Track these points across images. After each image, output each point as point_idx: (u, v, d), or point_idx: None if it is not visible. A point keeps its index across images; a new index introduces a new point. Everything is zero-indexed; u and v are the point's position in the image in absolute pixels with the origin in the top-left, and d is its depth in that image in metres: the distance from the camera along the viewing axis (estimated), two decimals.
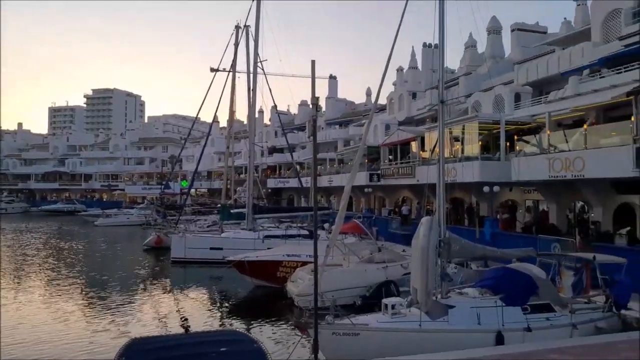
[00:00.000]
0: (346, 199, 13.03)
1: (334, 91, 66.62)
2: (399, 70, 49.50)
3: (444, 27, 13.58)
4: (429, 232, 11.75)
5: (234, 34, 35.71)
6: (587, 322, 11.75)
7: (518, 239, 19.80)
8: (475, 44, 40.49)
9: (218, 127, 76.70)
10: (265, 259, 19.84)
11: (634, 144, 15.63)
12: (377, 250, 19.15)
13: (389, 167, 33.22)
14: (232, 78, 36.26)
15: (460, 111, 32.83)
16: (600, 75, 23.65)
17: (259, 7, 30.03)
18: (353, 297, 16.01)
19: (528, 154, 21.19)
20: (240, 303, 19.45)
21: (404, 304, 11.95)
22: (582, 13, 30.19)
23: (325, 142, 55.79)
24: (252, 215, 28.61)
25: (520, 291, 11.49)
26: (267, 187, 54.08)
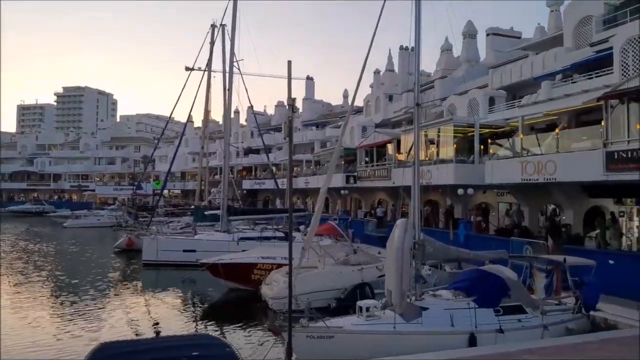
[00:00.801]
0: (322, 200, 12.95)
1: (311, 92, 66.60)
2: (376, 73, 49.77)
3: (420, 30, 13.67)
4: (403, 234, 11.76)
5: (210, 32, 35.35)
6: (558, 323, 11.93)
7: (491, 241, 20.05)
8: (451, 47, 41.01)
9: (192, 127, 75.79)
10: (240, 261, 19.59)
11: (604, 148, 15.99)
12: (353, 253, 19.09)
13: (366, 169, 33.32)
14: (208, 77, 35.87)
15: (436, 114, 33.16)
16: (572, 81, 24.20)
17: (236, 7, 29.79)
18: (328, 300, 15.91)
19: (501, 157, 21.50)
20: (213, 306, 19.15)
21: (379, 306, 11.92)
22: (555, 19, 30.85)
23: (301, 143, 55.68)
24: (227, 217, 28.27)
25: (492, 293, 11.61)
26: (243, 189, 53.66)
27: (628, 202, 19.67)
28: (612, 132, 16.06)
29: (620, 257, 15.76)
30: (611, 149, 15.78)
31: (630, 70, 19.21)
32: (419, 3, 13.43)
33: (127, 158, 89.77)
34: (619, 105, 16.01)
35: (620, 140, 15.75)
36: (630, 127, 15.58)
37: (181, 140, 45.46)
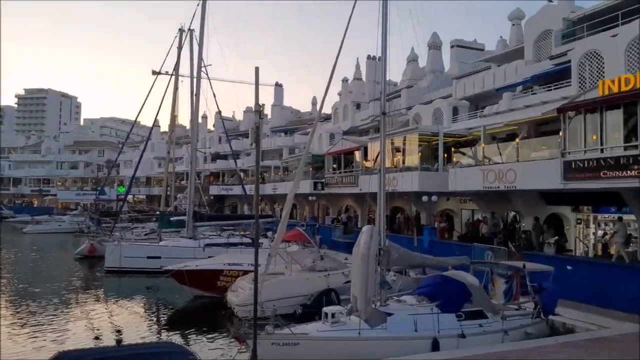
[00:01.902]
0: (289, 206, 12.99)
1: (280, 99, 66.58)
2: (344, 81, 50.19)
3: (386, 41, 13.93)
4: (369, 240, 11.94)
5: (178, 37, 34.98)
6: (517, 328, 12.28)
7: (454, 247, 20.47)
8: (417, 58, 41.76)
9: (159, 131, 74.56)
10: (205, 268, 19.38)
11: (562, 157, 16.60)
12: (320, 259, 19.17)
13: (333, 175, 33.53)
14: (175, 82, 35.45)
15: (402, 123, 33.70)
16: (532, 92, 25.04)
17: (204, 11, 29.60)
18: (294, 306, 15.89)
19: (464, 166, 22.02)
20: (177, 314, 18.85)
21: (344, 312, 12.02)
22: (517, 33, 31.88)
23: (270, 149, 55.53)
24: (193, 223, 27.93)
25: (454, 298, 11.89)
26: (210, 194, 53.04)
27: (585, 209, 20.47)
28: (570, 142, 16.69)
29: (578, 263, 16.37)
30: (568, 159, 16.40)
31: (587, 83, 20.02)
32: (386, 14, 13.70)
33: (90, 162, 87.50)
34: (576, 116, 16.66)
35: (577, 150, 16.40)
36: (586, 138, 16.23)
37: (146, 144, 44.63)
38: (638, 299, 13.44)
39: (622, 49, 18.35)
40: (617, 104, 15.33)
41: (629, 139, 15.09)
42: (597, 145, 15.86)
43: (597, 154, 15.65)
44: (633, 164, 14.31)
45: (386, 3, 13.67)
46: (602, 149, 15.63)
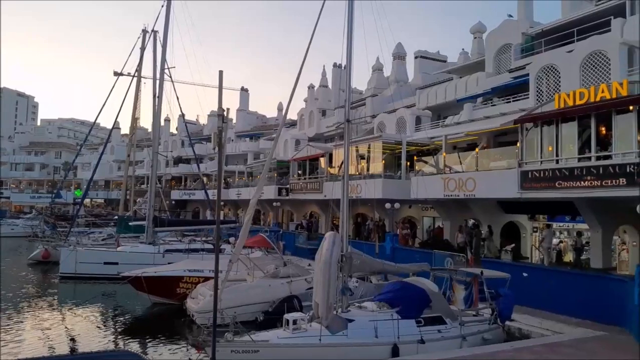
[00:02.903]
0: (251, 212, 12.87)
1: (246, 103, 66.19)
2: (310, 88, 50.37)
3: (351, 50, 14.07)
4: (332, 247, 11.96)
5: (141, 38, 34.32)
6: (475, 334, 12.52)
7: (415, 253, 20.76)
8: (381, 67, 42.38)
9: (119, 133, 72.77)
10: (164, 274, 18.96)
11: (519, 167, 17.14)
12: (283, 265, 19.06)
13: (298, 181, 33.52)
14: (137, 83, 34.74)
15: (367, 130, 34.06)
16: (492, 104, 25.77)
17: (169, 12, 29.12)
18: (256, 313, 15.76)
19: (426, 174, 22.42)
20: (135, 321, 18.32)
21: (306, 318, 11.98)
22: (478, 45, 32.79)
23: (234, 154, 55.05)
24: (153, 228, 27.28)
25: (414, 304, 12.04)
26: (171, 199, 52.09)
27: (540, 218, 21.17)
28: (527, 153, 17.26)
29: (533, 270, 16.87)
30: (525, 169, 16.94)
31: (544, 96, 20.75)
32: (351, 23, 13.84)
33: (46, 164, 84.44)
34: (533, 128, 17.25)
35: (534, 161, 16.96)
36: (542, 149, 16.82)
37: (106, 146, 43.44)
38: (589, 305, 13.97)
39: (578, 64, 19.12)
40: (572, 117, 15.96)
41: (582, 151, 15.73)
42: (552, 156, 16.44)
43: (552, 165, 16.23)
44: (586, 174, 14.91)
45: (352, 13, 13.83)
46: (558, 160, 16.22)
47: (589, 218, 17.17)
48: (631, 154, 14.17)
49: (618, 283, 13.78)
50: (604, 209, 16.58)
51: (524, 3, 26.76)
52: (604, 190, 14.47)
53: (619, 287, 13.39)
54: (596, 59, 18.46)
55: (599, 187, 14.53)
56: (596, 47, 18.53)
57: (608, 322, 13.28)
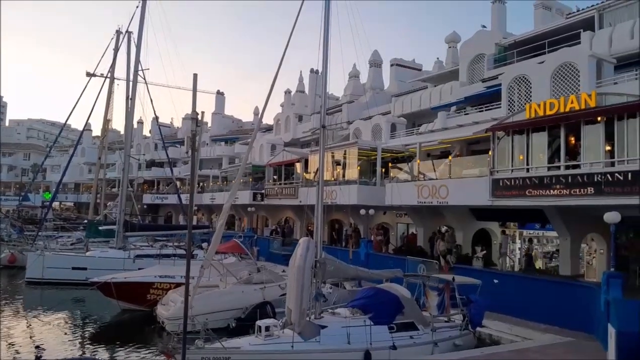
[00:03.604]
0: (224, 217, 12.73)
1: (221, 107, 65.70)
2: (287, 93, 50.33)
3: (327, 56, 14.10)
4: (305, 252, 11.92)
5: (115, 38, 33.74)
6: (447, 340, 12.64)
7: (389, 260, 20.87)
8: (358, 74, 42.67)
9: (91, 135, 71.28)
10: (134, 280, 18.60)
11: (491, 175, 17.43)
12: (256, 271, 18.91)
13: (273, 187, 33.39)
14: (110, 84, 34.12)
15: (343, 137, 34.18)
16: (465, 112, 26.17)
17: (144, 14, 28.73)
18: (228, 320, 15.60)
19: (401, 181, 22.60)
20: (103, 328, 17.90)
21: (279, 325, 11.89)
22: (453, 55, 33.29)
23: (209, 158, 54.51)
24: (123, 233, 26.74)
25: (387, 310, 12.08)
26: (143, 203, 51.20)
27: (511, 225, 21.55)
28: (498, 161, 17.57)
29: (503, 277, 17.14)
30: (497, 177, 17.24)
31: (516, 105, 21.17)
32: (328, 29, 13.89)
33: (14, 166, 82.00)
34: (504, 137, 17.58)
35: (505, 169, 17.28)
36: (513, 158, 17.15)
37: (76, 148, 42.50)
38: (557, 311, 14.25)
39: (548, 75, 19.58)
40: (542, 127, 16.32)
41: (552, 160, 16.09)
42: (523, 165, 16.78)
43: (523, 173, 16.55)
44: (555, 183, 15.24)
45: (328, 18, 13.89)
46: (528, 169, 16.55)
47: (558, 226, 17.55)
48: (599, 164, 14.57)
49: (585, 290, 14.10)
50: (572, 217, 16.98)
51: (497, 14, 27.36)
52: (572, 198, 14.82)
53: (586, 294, 13.70)
54: (566, 70, 18.95)
55: (567, 195, 14.88)
56: (566, 59, 19.02)
57: (575, 328, 13.56)
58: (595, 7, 21.74)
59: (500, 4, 27.67)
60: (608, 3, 21.31)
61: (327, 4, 14.00)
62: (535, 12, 27.29)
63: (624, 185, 13.46)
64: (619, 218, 11.75)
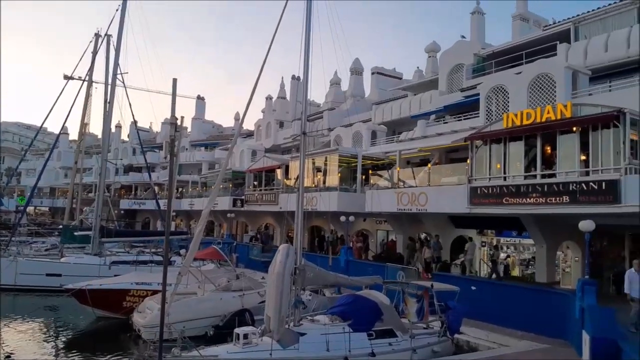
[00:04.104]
0: (203, 223, 12.60)
1: (202, 112, 65.27)
2: (268, 99, 50.29)
3: (308, 63, 14.12)
4: (285, 259, 11.86)
5: (93, 41, 33.27)
6: (425, 346, 12.69)
7: (369, 266, 20.91)
8: (339, 82, 42.91)
9: (67, 139, 70.01)
10: (110, 287, 18.24)
11: (469, 183, 17.65)
12: (235, 278, 18.72)
13: (254, 193, 33.22)
14: (87, 88, 33.59)
15: (324, 143, 34.27)
16: (444, 121, 26.49)
17: (124, 17, 28.40)
18: (206, 328, 15.40)
19: (381, 188, 22.72)
20: (78, 336, 17.52)
21: (257, 333, 11.78)
22: (432, 64, 33.72)
23: (188, 163, 54.05)
24: (99, 239, 26.25)
25: (366, 317, 12.09)
26: (120, 209, 50.43)
27: (489, 233, 21.82)
28: (476, 169, 17.81)
29: (481, 284, 17.31)
30: (475, 185, 17.47)
31: (494, 115, 21.49)
32: (309, 35, 13.93)
33: None
34: (482, 145, 17.84)
35: (483, 177, 17.52)
36: (491, 166, 17.40)
37: (52, 152, 41.63)
38: (533, 318, 14.42)
39: (525, 86, 19.95)
40: (519, 136, 16.61)
41: (529, 169, 16.37)
42: (500, 173, 17.03)
43: (500, 182, 16.79)
44: (532, 192, 15.50)
45: (309, 24, 13.93)
46: (505, 177, 16.81)
47: (534, 234, 17.83)
48: (574, 173, 14.87)
49: (561, 297, 14.31)
50: (548, 225, 17.28)
51: (476, 25, 27.83)
52: (548, 207, 15.08)
53: (562, 301, 13.91)
54: (543, 81, 19.34)
55: (543, 204, 15.14)
56: (543, 70, 19.42)
57: (551, 335, 13.73)
58: (571, 20, 22.31)
59: (479, 15, 28.18)
60: (583, 16, 21.88)
61: (309, 9, 14.05)
62: (513, 24, 27.86)
63: (598, 194, 13.77)
64: (593, 226, 11.98)
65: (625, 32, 19.38)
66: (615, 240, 18.01)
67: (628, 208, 13.20)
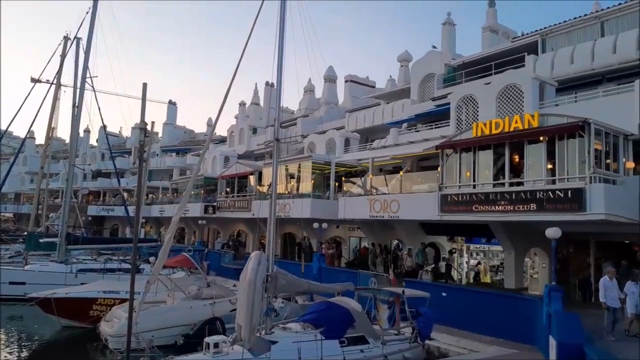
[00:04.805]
0: (173, 230, 12.39)
1: (173, 117, 64.51)
2: (242, 105, 50.06)
3: (282, 69, 14.10)
4: (257, 266, 11.75)
5: (62, 44, 32.53)
6: (396, 353, 12.71)
7: (341, 273, 20.93)
8: (313, 89, 43.08)
9: (34, 143, 68.11)
10: (76, 295, 17.75)
11: (440, 191, 17.89)
12: (206, 286, 18.46)
13: (226, 199, 32.91)
14: (55, 91, 32.79)
15: (298, 150, 34.26)
16: (416, 129, 26.83)
17: (94, 20, 27.85)
18: (176, 337, 15.12)
19: (354, 195, 22.83)
20: (42, 347, 16.98)
21: (228, 341, 11.61)
22: (405, 74, 34.17)
23: (159, 169, 53.23)
24: (65, 246, 25.53)
25: (338, 324, 12.07)
26: (88, 215, 49.22)
27: (459, 240, 22.14)
28: (447, 177, 18.07)
29: (451, 290, 17.50)
30: (445, 192, 17.72)
31: (464, 124, 21.87)
32: (282, 41, 13.93)
33: None
34: (452, 154, 18.12)
35: (453, 185, 17.79)
36: (461, 174, 17.69)
37: (17, 157, 40.41)
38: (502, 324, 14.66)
39: (494, 96, 20.37)
40: (488, 145, 16.94)
41: (497, 177, 16.71)
42: (470, 181, 17.33)
43: (470, 190, 17.09)
44: (500, 199, 15.81)
45: (283, 31, 13.93)
46: (475, 185, 17.10)
47: (502, 240, 18.17)
48: (541, 182, 15.24)
49: (528, 303, 14.58)
50: (516, 232, 17.63)
51: (447, 36, 28.34)
52: (516, 214, 15.40)
53: (530, 307, 14.17)
54: (511, 91, 19.81)
55: (511, 211, 15.45)
56: (511, 81, 19.90)
57: (520, 340, 13.95)
58: (538, 32, 22.94)
59: (450, 26, 28.71)
60: (550, 29, 22.54)
61: (283, 16, 14.06)
62: (483, 35, 28.51)
63: (564, 202, 14.14)
64: (559, 233, 12.27)
65: (589, 45, 20.04)
66: (581, 247, 18.50)
67: (593, 216, 13.59)
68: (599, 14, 20.92)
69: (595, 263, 17.94)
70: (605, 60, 19.28)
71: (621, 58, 18.81)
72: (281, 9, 14.05)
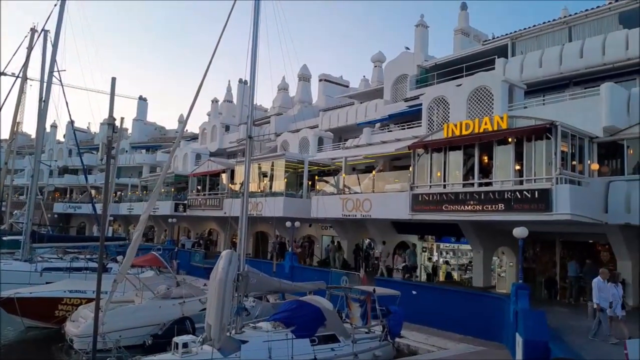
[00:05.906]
0: (141, 228, 12.16)
1: (143, 113, 63.36)
2: (214, 102, 49.55)
3: (255, 67, 14.01)
4: (227, 265, 11.64)
5: (29, 36, 31.48)
6: (367, 351, 12.80)
7: (313, 272, 20.95)
8: (287, 87, 42.95)
9: None
10: (41, 295, 17.24)
11: (411, 190, 18.08)
12: (176, 285, 18.18)
13: (197, 197, 32.51)
14: (21, 85, 31.72)
15: (271, 148, 34.11)
16: (389, 129, 27.06)
17: (62, 12, 27.08)
18: (144, 337, 14.85)
19: (327, 194, 22.86)
20: (5, 348, 16.39)
21: (198, 341, 11.47)
22: (378, 74, 34.39)
23: (128, 166, 52.21)
24: (30, 244, 24.77)
25: (309, 323, 12.07)
26: (54, 212, 47.90)
27: (429, 238, 22.44)
28: (418, 177, 18.27)
29: (421, 288, 17.72)
30: (416, 192, 17.92)
31: (435, 125, 22.14)
32: (256, 38, 13.84)
33: None
34: (424, 154, 18.33)
35: (424, 185, 17.99)
36: (432, 174, 17.90)
37: None
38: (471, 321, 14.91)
39: (465, 97, 20.69)
40: (458, 146, 17.20)
41: (467, 177, 16.97)
42: (440, 181, 17.56)
43: (440, 189, 17.32)
44: (469, 199, 16.08)
45: (256, 28, 13.84)
46: (445, 185, 17.34)
47: (471, 239, 18.48)
48: (509, 182, 15.56)
49: (496, 301, 14.88)
50: (485, 232, 17.95)
51: (420, 38, 28.64)
52: (484, 214, 15.69)
53: (497, 305, 14.47)
54: (481, 93, 20.15)
55: (480, 211, 15.73)
56: (481, 83, 20.24)
57: (488, 337, 14.23)
58: (508, 36, 23.42)
59: (423, 28, 29.02)
60: (520, 33, 23.03)
61: (257, 13, 13.96)
62: (455, 38, 28.93)
63: (531, 202, 14.47)
64: (526, 233, 12.53)
65: (557, 49, 20.55)
66: (547, 246, 18.97)
67: (559, 216, 13.95)
68: (566, 19, 21.48)
69: (560, 262, 18.42)
70: (572, 65, 19.80)
71: (588, 63, 19.35)
72: (255, 7, 13.95)
